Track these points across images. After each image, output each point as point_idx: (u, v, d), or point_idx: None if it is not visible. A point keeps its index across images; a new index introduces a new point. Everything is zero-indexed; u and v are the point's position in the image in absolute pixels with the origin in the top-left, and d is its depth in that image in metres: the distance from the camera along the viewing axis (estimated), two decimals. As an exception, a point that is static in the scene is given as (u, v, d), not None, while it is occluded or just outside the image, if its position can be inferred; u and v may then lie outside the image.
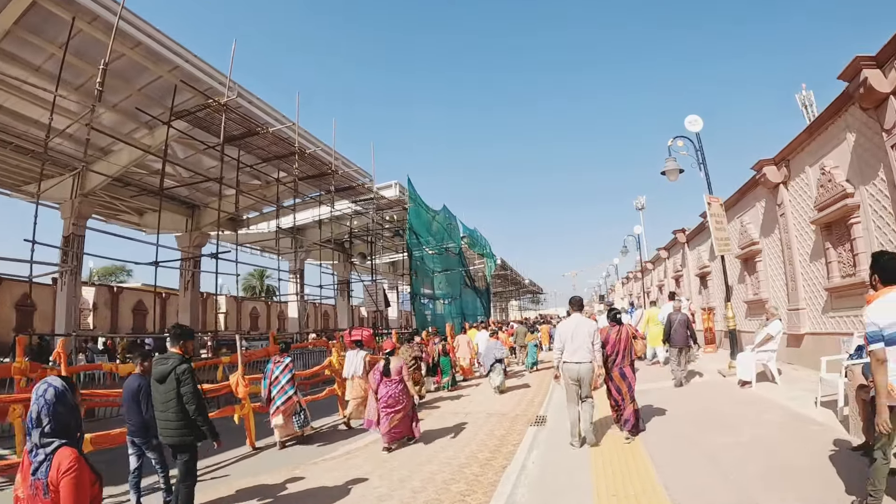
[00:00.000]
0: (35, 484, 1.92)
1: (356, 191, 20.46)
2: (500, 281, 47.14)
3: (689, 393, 8.67)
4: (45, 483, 1.91)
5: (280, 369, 7.17)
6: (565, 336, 5.71)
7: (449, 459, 6.04)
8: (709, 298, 15.42)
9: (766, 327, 8.57)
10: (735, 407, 7.21)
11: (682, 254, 18.59)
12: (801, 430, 5.62)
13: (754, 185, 11.51)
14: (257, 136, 16.08)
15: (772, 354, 8.47)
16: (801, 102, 48.63)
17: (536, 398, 10.48)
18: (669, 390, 9.03)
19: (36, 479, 1.93)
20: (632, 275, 33.29)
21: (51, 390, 2.09)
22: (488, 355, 11.22)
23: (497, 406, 9.63)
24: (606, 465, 5.12)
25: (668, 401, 7.97)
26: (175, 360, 4.12)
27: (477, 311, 30.27)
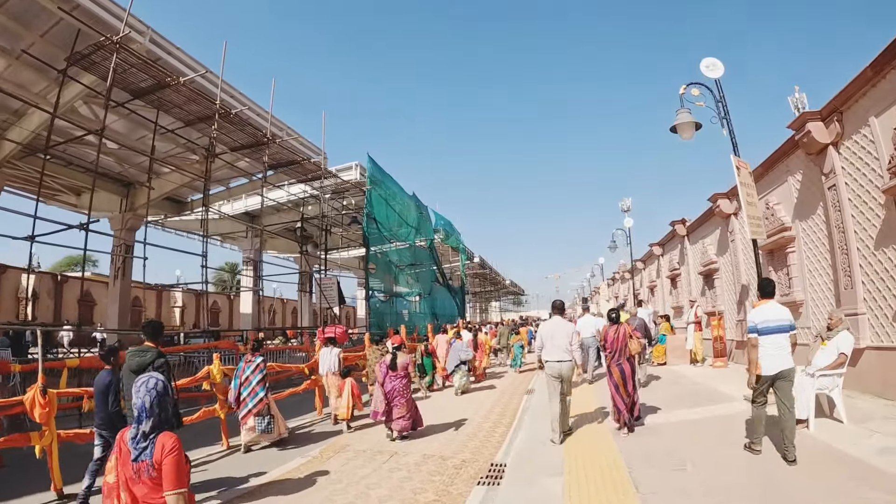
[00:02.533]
0: (138, 466, 2.12)
1: (304, 169, 17.46)
2: (479, 280, 44.39)
3: (711, 434, 5.93)
4: (150, 463, 2.10)
5: (251, 369, 6.77)
6: (546, 336, 6.07)
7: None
8: (716, 301, 12.80)
9: (832, 340, 5.89)
10: (796, 473, 4.47)
11: (679, 249, 15.99)
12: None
13: (789, 151, 8.90)
14: (171, 91, 13.04)
15: (838, 380, 5.79)
16: (793, 105, 47.31)
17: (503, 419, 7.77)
18: (693, 426, 6.29)
19: (140, 461, 2.12)
20: (618, 275, 30.77)
21: (160, 383, 2.28)
22: (453, 357, 10.89)
23: (441, 441, 6.78)
24: None
25: (693, 447, 5.23)
26: (153, 353, 4.34)
27: (451, 311, 27.44)
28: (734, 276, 11.52)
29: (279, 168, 16.94)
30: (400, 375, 6.88)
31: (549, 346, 5.99)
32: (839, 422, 5.76)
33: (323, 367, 8.32)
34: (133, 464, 2.15)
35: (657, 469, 4.80)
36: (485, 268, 40.72)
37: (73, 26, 11.63)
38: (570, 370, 5.90)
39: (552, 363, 5.93)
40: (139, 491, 2.16)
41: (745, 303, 11.09)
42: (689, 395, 8.13)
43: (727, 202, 11.49)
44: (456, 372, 10.75)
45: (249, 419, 6.65)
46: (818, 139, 7.69)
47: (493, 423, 7.87)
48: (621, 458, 5.16)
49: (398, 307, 21.81)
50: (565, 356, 5.86)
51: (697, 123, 7.82)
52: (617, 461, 5.08)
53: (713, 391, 8.28)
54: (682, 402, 7.68)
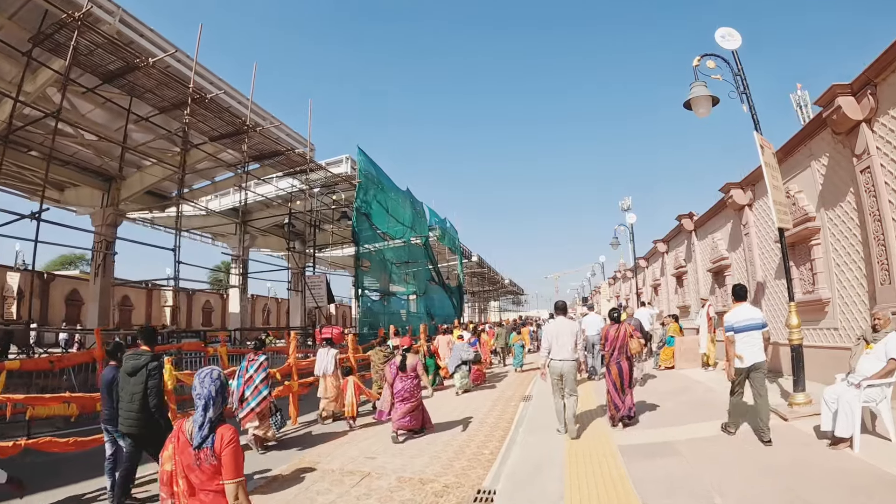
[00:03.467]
0: (198, 454, 2.19)
1: (290, 161, 16.59)
2: (478, 280, 43.51)
3: (738, 456, 5.05)
4: (210, 452, 2.18)
5: (254, 368, 6.68)
6: (551, 337, 6.09)
7: None
8: (727, 299, 11.89)
9: (878, 343, 5.02)
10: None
11: (686, 245, 15.11)
12: None
13: (813, 131, 8.03)
14: (142, 75, 12.17)
15: (886, 391, 4.91)
16: (795, 102, 46.26)
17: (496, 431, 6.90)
18: (715, 444, 5.41)
19: (201, 450, 2.20)
20: (620, 274, 29.89)
21: (222, 375, 2.38)
22: (454, 356, 10.93)
23: (425, 458, 5.89)
24: None
25: (719, 473, 4.35)
26: (147, 356, 4.47)
27: (447, 311, 26.56)
28: (748, 273, 10.63)
29: (263, 159, 16.09)
30: (410, 376, 6.98)
31: (554, 346, 6.07)
32: (886, 439, 4.88)
33: (319, 367, 8.28)
34: (193, 452, 2.22)
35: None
36: (483, 267, 39.84)
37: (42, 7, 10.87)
38: (571, 369, 6.00)
39: (555, 362, 6.04)
40: (196, 478, 2.23)
41: (760, 301, 10.21)
42: (706, 405, 7.25)
43: (740, 192, 10.61)
44: (457, 371, 10.81)
45: (253, 419, 6.55)
46: (850, 115, 6.81)
47: (484, 434, 7.01)
48: (634, 490, 4.28)
49: (392, 307, 20.94)
50: (568, 356, 5.97)
51: (714, 98, 6.94)
52: (630, 494, 4.20)
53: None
54: (698, 413, 6.80)
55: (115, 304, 33.78)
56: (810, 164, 8.38)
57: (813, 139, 8.21)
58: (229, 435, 2.26)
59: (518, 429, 6.97)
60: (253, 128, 13.96)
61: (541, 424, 6.99)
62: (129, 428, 4.45)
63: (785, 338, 9.35)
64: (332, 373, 8.10)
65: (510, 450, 5.88)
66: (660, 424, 6.34)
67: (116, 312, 33.50)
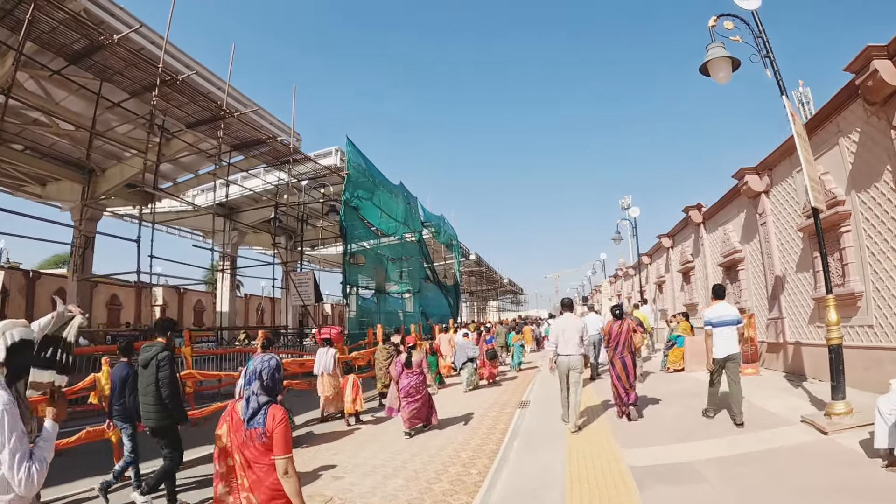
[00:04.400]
0: (251, 433, 2.32)
1: (275, 151, 15.68)
2: (476, 279, 42.60)
3: (775, 481, 4.15)
4: (262, 430, 2.31)
5: None
6: (558, 333, 6.29)
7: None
8: (741, 296, 11.01)
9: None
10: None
11: (694, 239, 14.21)
12: None
13: (841, 104, 7.15)
14: (109, 55, 11.28)
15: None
16: (798, 99, 45.50)
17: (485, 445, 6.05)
18: (746, 465, 4.50)
19: (253, 427, 2.32)
20: (621, 272, 28.97)
21: (275, 361, 2.52)
22: (461, 354, 11.07)
23: (399, 481, 4.99)
24: None
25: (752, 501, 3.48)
26: (157, 347, 4.44)
27: (442, 311, 25.67)
28: (765, 266, 9.74)
29: (244, 149, 15.16)
30: (416, 373, 7.15)
31: (561, 342, 6.24)
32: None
33: (318, 367, 8.33)
34: (246, 430, 2.35)
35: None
36: (481, 265, 38.95)
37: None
38: (578, 363, 6.18)
39: (562, 357, 6.22)
40: (250, 454, 2.36)
41: (779, 297, 9.32)
42: (723, 416, 6.35)
43: (756, 178, 9.72)
44: (464, 369, 10.87)
45: None
46: (888, 81, 5.92)
47: (474, 447, 6.14)
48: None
49: (385, 305, 20.04)
50: (574, 351, 6.16)
51: (735, 60, 6.05)
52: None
53: (755, 409, 6.49)
54: (718, 425, 5.90)
55: (104, 303, 32.99)
56: (838, 141, 7.50)
57: (841, 113, 7.33)
58: (280, 415, 2.36)
59: (512, 442, 6.08)
60: (230, 113, 13.04)
61: (537, 438, 6.11)
62: (147, 420, 4.49)
63: (809, 337, 8.51)
64: (332, 372, 8.13)
65: (500, 471, 4.98)
66: (675, 438, 5.44)
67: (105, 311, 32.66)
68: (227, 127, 13.69)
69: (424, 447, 6.24)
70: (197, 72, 12.76)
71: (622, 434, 5.85)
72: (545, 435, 6.18)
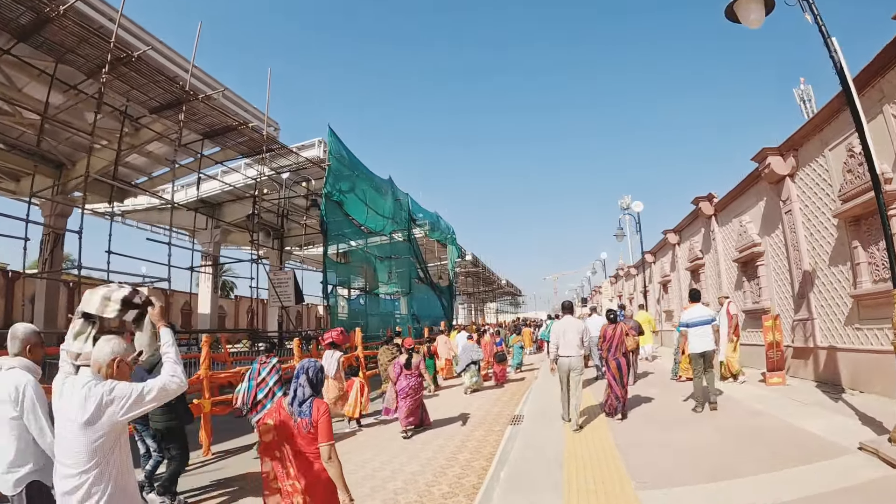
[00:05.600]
0: (298, 424, 2.61)
1: (252, 142, 14.50)
2: (472, 280, 41.37)
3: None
4: (308, 421, 2.60)
5: (266, 370, 6.57)
6: (559, 334, 6.41)
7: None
8: (760, 294, 9.83)
9: None
10: None
11: (704, 233, 13.05)
12: None
13: (890, 61, 5.99)
14: (57, 29, 10.13)
15: None
16: (799, 97, 44.34)
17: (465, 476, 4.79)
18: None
19: (301, 418, 2.61)
20: (622, 272, 27.79)
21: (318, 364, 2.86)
22: (464, 357, 11.08)
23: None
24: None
25: None
26: None
27: (435, 312, 24.45)
28: (790, 260, 8.56)
29: (216, 137, 13.97)
30: (414, 374, 7.24)
31: (561, 343, 6.35)
32: None
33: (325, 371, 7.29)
34: (294, 423, 2.61)
35: None
36: (477, 266, 37.74)
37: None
38: (578, 364, 6.30)
39: (563, 358, 6.35)
40: (296, 444, 2.59)
41: (808, 296, 8.14)
42: (756, 439, 5.15)
43: (779, 160, 8.55)
44: (466, 371, 10.86)
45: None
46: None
47: (451, 481, 4.92)
48: None
49: (371, 307, 18.83)
50: (574, 352, 6.28)
51: (767, 1, 4.87)
52: None
53: (793, 430, 5.30)
54: (748, 455, 4.68)
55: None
56: (881, 109, 6.34)
57: (884, 76, 6.18)
58: (323, 408, 2.66)
59: (498, 473, 4.86)
60: (194, 95, 11.85)
61: (528, 475, 4.89)
62: (155, 423, 4.64)
63: (846, 340, 7.32)
64: (335, 375, 7.87)
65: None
66: (708, 475, 4.22)
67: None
68: (193, 111, 12.52)
69: (389, 478, 5.04)
70: (154, 47, 11.60)
71: (636, 463, 4.66)
72: (538, 465, 4.99)
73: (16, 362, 2.55)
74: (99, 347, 2.20)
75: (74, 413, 1.99)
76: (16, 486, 2.40)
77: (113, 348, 2.19)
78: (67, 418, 2.01)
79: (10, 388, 2.44)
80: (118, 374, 2.18)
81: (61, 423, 2.05)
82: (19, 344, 2.61)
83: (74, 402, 2.01)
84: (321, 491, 2.56)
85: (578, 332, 6.31)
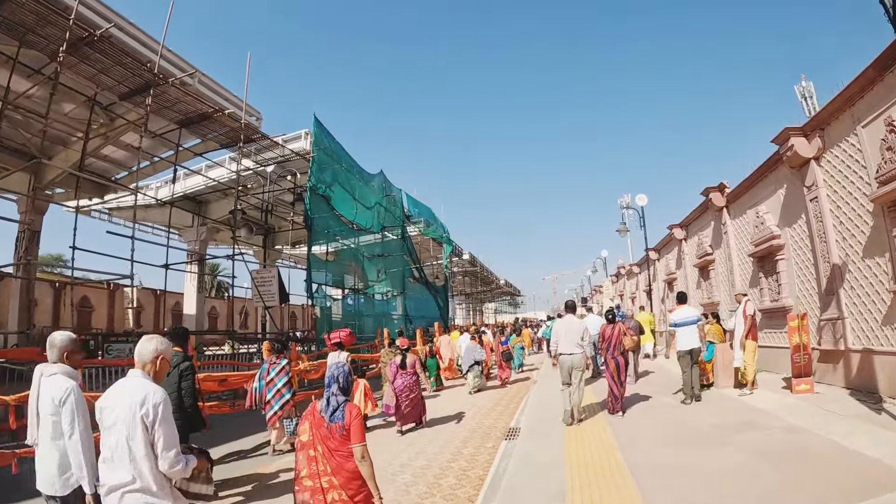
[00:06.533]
0: (332, 427, 2.72)
1: (233, 132, 13.63)
2: (470, 280, 40.49)
3: None
4: (341, 424, 2.72)
5: (276, 371, 6.63)
6: (560, 333, 6.53)
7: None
8: (780, 292, 8.96)
9: None
10: None
11: (713, 227, 12.19)
12: None
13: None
14: (15, 7, 9.27)
15: None
16: (800, 94, 43.74)
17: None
18: None
19: (333, 422, 2.73)
20: (624, 270, 26.93)
21: (347, 367, 2.96)
22: (468, 357, 11.16)
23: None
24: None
25: None
26: (179, 357, 4.34)
27: (430, 313, 23.57)
28: (816, 253, 7.68)
29: (192, 125, 13.07)
30: (409, 373, 7.50)
31: (563, 341, 6.46)
32: None
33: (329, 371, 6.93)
34: (328, 426, 2.73)
35: None
36: (475, 265, 36.86)
37: None
38: (580, 361, 6.40)
39: (565, 356, 6.44)
40: (330, 444, 2.72)
41: (837, 292, 7.27)
42: (800, 464, 4.27)
43: (803, 142, 7.68)
44: (471, 371, 10.93)
45: (276, 422, 6.54)
46: None
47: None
48: None
49: (362, 307, 17.94)
50: (576, 349, 6.39)
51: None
52: None
53: (842, 452, 4.41)
54: (798, 487, 3.80)
55: (74, 304, 31.10)
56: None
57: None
58: (356, 411, 2.79)
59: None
60: (164, 79, 10.96)
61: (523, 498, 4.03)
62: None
63: (884, 342, 6.43)
64: None
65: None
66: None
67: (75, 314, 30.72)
68: (165, 97, 11.63)
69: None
70: (119, 26, 10.74)
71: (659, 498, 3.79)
72: (534, 494, 4.13)
73: (57, 368, 2.68)
74: (142, 345, 2.43)
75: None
76: (65, 488, 2.55)
77: (156, 346, 2.44)
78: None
79: (54, 393, 2.57)
80: (160, 370, 2.45)
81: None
82: (57, 352, 2.73)
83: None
84: (356, 487, 2.70)
85: (579, 332, 6.43)
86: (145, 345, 2.40)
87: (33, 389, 2.65)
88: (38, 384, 2.64)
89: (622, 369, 6.80)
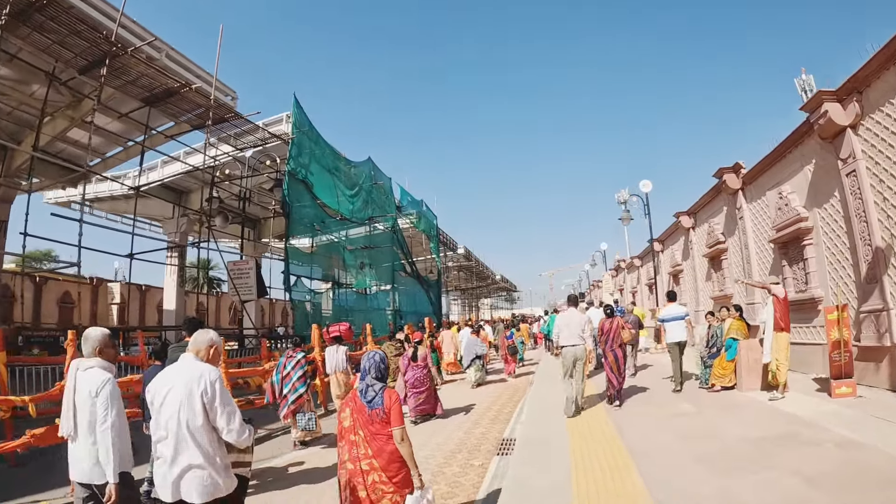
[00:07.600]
0: (372, 412, 2.85)
1: (207, 112, 12.54)
2: (465, 275, 39.51)
3: None
4: (381, 409, 2.85)
5: (292, 365, 6.65)
6: (562, 325, 6.76)
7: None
8: (808, 282, 7.98)
9: None
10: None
11: (726, 213, 11.23)
12: None
13: None
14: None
15: None
16: (800, 87, 42.90)
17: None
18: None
19: (374, 408, 2.86)
20: (625, 263, 25.98)
21: (379, 356, 3.08)
22: (469, 351, 11.17)
23: None
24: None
25: None
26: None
27: (422, 308, 22.57)
28: (854, 235, 6.70)
29: (158, 103, 11.97)
30: (420, 366, 7.69)
31: (564, 333, 6.66)
32: None
33: (330, 365, 8.05)
34: (368, 411, 2.86)
35: None
36: (470, 260, 35.86)
37: None
38: (582, 353, 6.61)
39: (567, 347, 6.61)
40: (372, 429, 2.84)
41: (881, 279, 6.29)
42: (869, 495, 3.30)
43: (838, 108, 6.68)
44: (472, 365, 10.97)
45: (290, 416, 6.54)
46: None
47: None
48: None
49: (347, 301, 16.92)
50: (578, 341, 6.58)
51: None
52: None
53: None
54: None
55: (56, 300, 30.09)
56: None
57: None
58: (395, 396, 2.91)
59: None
60: (123, 49, 9.88)
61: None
62: None
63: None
64: (343, 370, 7.86)
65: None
66: None
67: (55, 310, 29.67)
68: (126, 70, 10.55)
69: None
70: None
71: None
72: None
73: (93, 362, 2.78)
74: (200, 335, 2.71)
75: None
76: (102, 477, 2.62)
77: (212, 337, 2.73)
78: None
79: (91, 386, 2.68)
80: (212, 358, 2.69)
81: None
82: (91, 346, 2.82)
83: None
84: (395, 468, 2.80)
85: (580, 325, 6.61)
86: (203, 335, 2.67)
87: (69, 383, 2.75)
88: (74, 378, 2.73)
89: (621, 361, 7.03)
